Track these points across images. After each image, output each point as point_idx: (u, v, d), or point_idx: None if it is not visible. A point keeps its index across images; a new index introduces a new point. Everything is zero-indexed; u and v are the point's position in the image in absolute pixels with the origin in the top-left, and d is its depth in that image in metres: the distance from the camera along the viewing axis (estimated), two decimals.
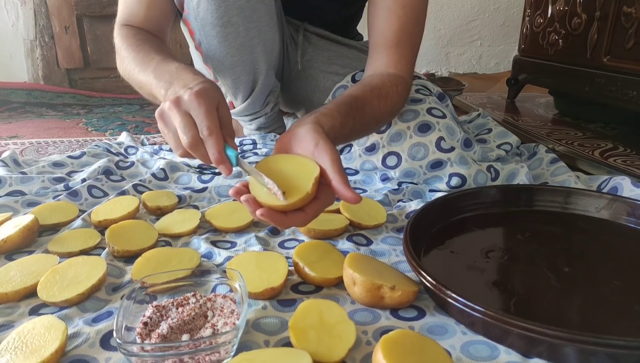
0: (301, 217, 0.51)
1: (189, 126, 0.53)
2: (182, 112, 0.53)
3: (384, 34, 0.76)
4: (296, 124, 0.59)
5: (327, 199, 0.53)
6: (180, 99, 0.54)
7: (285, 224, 0.52)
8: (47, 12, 1.78)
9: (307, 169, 0.52)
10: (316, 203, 0.52)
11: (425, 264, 0.55)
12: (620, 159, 1.03)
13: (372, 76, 0.75)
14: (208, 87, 0.56)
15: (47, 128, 1.39)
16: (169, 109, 0.54)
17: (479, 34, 2.43)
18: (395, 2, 0.74)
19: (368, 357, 0.44)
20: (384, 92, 0.71)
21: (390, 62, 0.75)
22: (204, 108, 0.53)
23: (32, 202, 0.77)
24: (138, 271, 0.56)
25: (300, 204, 0.51)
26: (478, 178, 0.78)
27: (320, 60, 0.98)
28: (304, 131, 0.56)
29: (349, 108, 0.64)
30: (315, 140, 0.54)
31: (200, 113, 0.53)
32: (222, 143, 0.53)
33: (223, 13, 0.77)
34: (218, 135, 0.53)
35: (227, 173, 0.53)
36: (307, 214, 0.52)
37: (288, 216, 0.51)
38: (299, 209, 0.51)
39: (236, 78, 0.87)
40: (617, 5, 1.13)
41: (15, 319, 0.50)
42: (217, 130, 0.53)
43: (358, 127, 0.67)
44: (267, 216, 0.49)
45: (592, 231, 0.67)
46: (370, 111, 0.69)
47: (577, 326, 0.48)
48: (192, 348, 0.40)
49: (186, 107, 0.53)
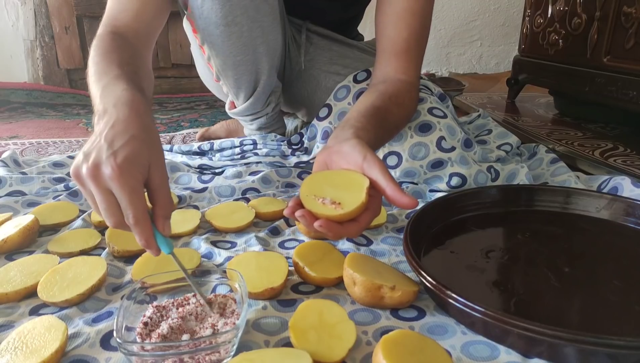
0: (355, 227, 0.52)
1: (112, 209, 0.46)
2: (103, 189, 0.46)
3: (393, 41, 0.77)
4: (335, 140, 0.59)
5: (376, 209, 0.54)
6: (100, 173, 0.45)
7: (341, 234, 0.52)
8: (47, 13, 1.78)
9: (357, 181, 0.53)
10: (368, 213, 0.53)
11: (425, 264, 0.55)
12: (620, 159, 1.03)
13: (386, 83, 0.76)
14: (136, 149, 0.46)
15: (47, 128, 1.39)
16: (87, 178, 0.46)
17: (479, 34, 2.43)
18: (405, 10, 0.75)
19: (368, 357, 0.44)
20: (401, 100, 0.74)
21: (400, 68, 0.77)
22: (128, 191, 0.45)
23: (32, 202, 0.77)
24: (138, 272, 0.56)
25: (356, 214, 0.52)
26: (478, 178, 0.78)
27: (321, 60, 0.98)
28: (349, 146, 0.56)
29: (377, 120, 0.66)
30: (363, 153, 0.55)
31: (123, 198, 0.45)
32: (149, 231, 0.47)
33: (227, 12, 0.77)
34: (144, 224, 0.46)
35: (155, 255, 0.48)
36: (361, 224, 0.52)
37: (344, 226, 0.52)
38: (353, 220, 0.52)
39: (238, 78, 0.87)
40: (617, 5, 1.13)
41: (16, 319, 0.50)
42: (142, 217, 0.46)
43: (385, 136, 0.70)
44: (326, 226, 0.50)
45: (592, 231, 0.67)
46: (392, 120, 0.72)
47: (577, 326, 0.48)
48: (192, 348, 0.40)
49: (107, 184, 0.45)
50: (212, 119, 1.51)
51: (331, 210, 0.51)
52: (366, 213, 0.53)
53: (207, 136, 1.19)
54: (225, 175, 0.90)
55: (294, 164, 0.94)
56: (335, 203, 0.52)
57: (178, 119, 1.52)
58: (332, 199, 0.52)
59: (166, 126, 1.44)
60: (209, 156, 1.01)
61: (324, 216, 0.51)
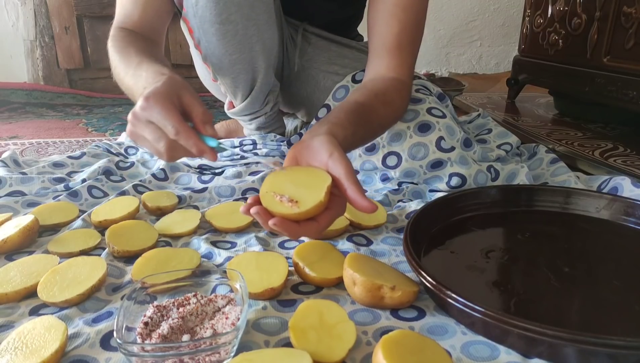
0: (314, 227, 0.51)
1: (157, 135, 0.53)
2: (144, 123, 0.53)
3: (384, 38, 0.76)
4: (309, 135, 0.59)
5: (339, 209, 0.53)
6: (135, 112, 0.54)
7: (297, 234, 0.52)
8: (47, 13, 1.78)
9: (319, 179, 0.53)
10: (328, 212, 0.52)
11: (425, 264, 0.55)
12: (620, 160, 1.03)
13: (374, 81, 0.75)
14: (159, 86, 0.55)
15: (47, 128, 1.39)
16: (132, 125, 0.55)
17: (479, 34, 2.43)
18: (397, 6, 0.74)
19: (368, 357, 0.44)
20: (389, 98, 0.72)
21: (391, 66, 0.75)
22: (158, 110, 0.52)
23: (32, 202, 0.77)
24: (138, 272, 0.56)
25: (314, 213, 0.51)
26: (478, 178, 0.78)
27: (320, 60, 0.98)
28: (318, 142, 0.56)
29: (358, 117, 0.65)
30: (329, 151, 0.54)
31: (158, 117, 0.52)
32: (193, 136, 0.53)
33: (221, 10, 0.77)
34: (185, 130, 0.53)
35: (213, 159, 0.55)
36: (320, 224, 0.52)
37: (301, 226, 0.51)
38: (312, 219, 0.51)
39: (235, 77, 0.87)
40: (617, 6, 1.13)
41: (16, 319, 0.50)
42: (181, 126, 0.53)
43: (366, 135, 0.68)
44: (280, 225, 0.50)
45: (592, 231, 0.67)
46: (377, 118, 0.70)
47: (577, 326, 0.49)
48: (193, 349, 0.40)
49: (144, 117, 0.53)
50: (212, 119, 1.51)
51: (287, 208, 0.50)
52: (326, 212, 0.52)
53: None
54: (225, 175, 0.90)
55: None
56: (293, 201, 0.51)
57: None
58: (290, 197, 0.51)
59: None
60: None
61: (279, 214, 0.50)
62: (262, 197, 0.53)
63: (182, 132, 0.52)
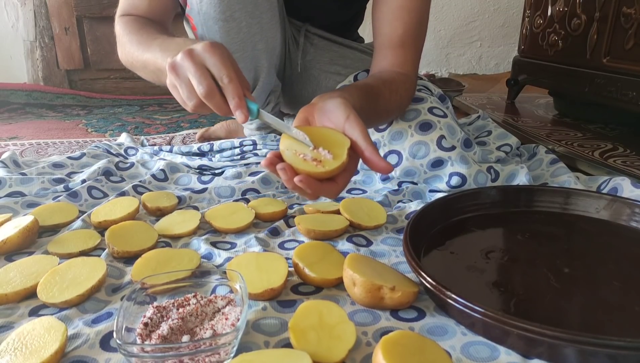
0: (334, 187, 0.52)
1: (204, 75, 0.54)
2: (197, 62, 0.54)
3: (389, 39, 0.77)
4: (321, 98, 0.59)
5: (353, 170, 0.54)
6: (193, 51, 0.54)
7: (318, 192, 0.52)
8: (47, 13, 1.78)
9: (338, 140, 0.53)
10: (346, 174, 0.53)
11: (425, 265, 0.55)
12: (620, 160, 1.03)
13: (382, 72, 0.76)
14: (218, 43, 0.56)
15: (47, 129, 1.39)
16: (181, 60, 0.55)
17: (478, 34, 2.43)
18: (401, 8, 0.75)
19: (368, 358, 0.44)
20: (395, 87, 0.73)
21: (396, 63, 0.77)
22: (220, 57, 0.54)
23: (32, 203, 0.77)
24: (138, 272, 0.56)
25: (337, 172, 0.51)
26: (478, 178, 0.78)
27: (321, 60, 0.98)
28: (334, 104, 0.56)
29: (366, 95, 0.66)
30: (347, 113, 0.55)
31: (218, 62, 0.54)
32: (241, 90, 0.54)
33: (226, 7, 0.78)
34: (238, 82, 0.54)
35: (243, 119, 0.54)
36: (339, 185, 0.52)
37: (323, 185, 0.51)
38: (331, 179, 0.52)
39: None
40: (617, 6, 1.13)
41: (15, 320, 0.50)
42: (237, 77, 0.54)
43: (371, 115, 0.69)
44: (306, 182, 0.50)
45: (592, 231, 0.67)
46: (383, 102, 0.71)
47: (577, 327, 0.48)
48: (192, 350, 0.40)
49: (200, 58, 0.54)
50: (212, 119, 1.51)
51: (312, 166, 0.50)
52: (344, 173, 0.53)
53: (207, 136, 1.19)
54: (225, 176, 0.90)
55: None
56: (317, 160, 0.51)
57: (178, 120, 1.52)
58: (313, 156, 0.51)
59: (166, 126, 1.44)
60: (208, 157, 1.01)
61: (304, 171, 0.50)
62: (284, 153, 0.52)
63: (234, 82, 0.54)
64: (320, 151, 0.52)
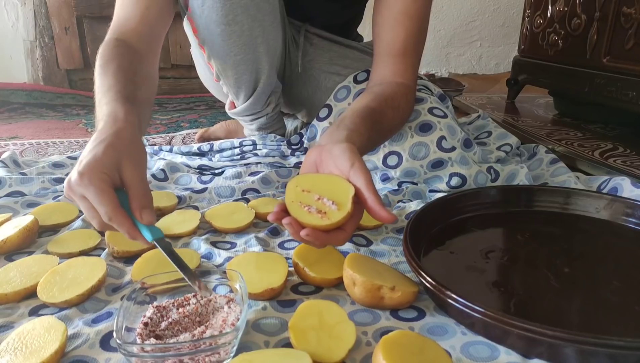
0: (342, 235, 0.52)
1: (91, 213, 0.51)
2: (78, 197, 0.50)
3: (390, 44, 0.77)
4: (327, 139, 0.59)
5: (360, 217, 0.54)
6: (70, 184, 0.50)
7: (326, 243, 0.52)
8: (47, 13, 1.78)
9: (342, 189, 0.53)
10: (352, 221, 0.53)
11: (425, 264, 0.55)
12: (620, 160, 1.03)
13: (382, 85, 0.76)
14: (98, 157, 0.50)
15: (47, 129, 1.39)
16: (68, 192, 0.51)
17: (478, 34, 2.43)
18: (402, 14, 0.75)
19: (368, 358, 0.44)
20: (397, 103, 0.73)
21: (397, 71, 0.77)
22: (92, 190, 0.48)
23: (32, 203, 0.77)
24: (138, 272, 0.56)
25: (342, 223, 0.51)
26: (478, 178, 0.78)
27: (321, 60, 0.98)
28: (340, 150, 0.56)
29: (371, 122, 0.66)
30: (352, 160, 0.54)
31: (92, 197, 0.49)
32: (126, 223, 0.50)
33: (228, 11, 0.77)
34: (118, 217, 0.49)
35: (145, 244, 0.52)
36: (346, 232, 0.52)
37: (330, 235, 0.51)
38: (339, 228, 0.52)
39: (239, 77, 0.87)
40: (617, 6, 1.13)
41: (15, 320, 0.50)
42: (114, 212, 0.49)
43: (378, 140, 0.71)
44: (312, 236, 0.50)
45: (592, 231, 0.67)
46: (387, 123, 0.72)
47: (577, 326, 0.49)
48: (192, 349, 0.40)
49: (79, 192, 0.50)
50: (212, 119, 1.51)
51: (317, 219, 0.51)
52: (351, 221, 0.52)
53: (207, 136, 1.19)
54: (225, 176, 0.90)
55: (293, 164, 0.94)
56: (322, 212, 0.51)
57: (178, 120, 1.52)
58: (317, 208, 0.51)
59: (166, 126, 1.44)
60: (208, 156, 1.01)
61: (310, 225, 0.50)
62: (289, 206, 0.53)
63: (114, 218, 0.49)
64: (325, 202, 0.52)
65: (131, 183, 0.51)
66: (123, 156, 0.52)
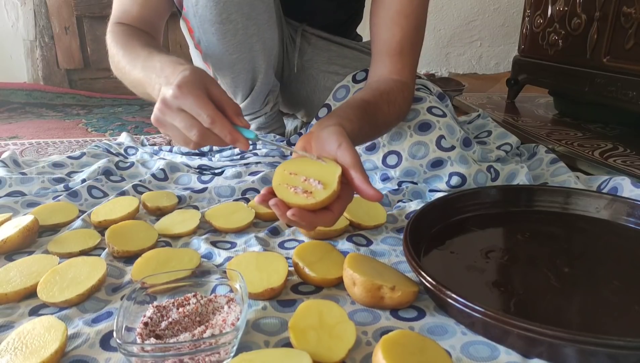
0: (329, 216, 0.52)
1: (190, 123, 0.53)
2: (175, 111, 0.54)
3: (387, 44, 0.77)
4: (318, 126, 0.59)
5: (348, 198, 0.54)
6: (166, 100, 0.54)
7: (314, 223, 0.52)
8: (47, 13, 1.78)
9: (329, 169, 0.53)
10: (340, 201, 0.53)
11: (425, 264, 0.55)
12: (620, 160, 1.03)
13: (379, 81, 0.76)
14: (188, 74, 0.54)
15: (47, 129, 1.39)
16: (160, 112, 0.55)
17: (479, 34, 2.43)
18: (398, 13, 0.75)
19: (368, 358, 0.44)
20: (392, 97, 0.73)
21: (394, 70, 0.77)
22: (192, 99, 0.52)
23: (32, 202, 0.77)
24: (138, 272, 0.56)
25: (328, 202, 0.52)
26: (478, 177, 0.78)
27: (319, 60, 0.98)
28: (328, 132, 0.56)
29: (364, 113, 0.66)
30: (339, 141, 0.55)
31: (192, 105, 0.52)
32: (228, 125, 0.53)
33: (222, 10, 0.77)
34: (221, 119, 0.53)
35: (245, 147, 0.55)
36: (334, 213, 0.53)
37: (317, 215, 0.52)
38: (326, 208, 0.52)
39: (235, 76, 0.87)
40: (617, 6, 1.13)
41: (15, 320, 0.50)
42: (216, 115, 0.53)
43: (371, 132, 0.70)
44: (298, 216, 0.50)
45: (592, 231, 0.67)
46: (382, 116, 0.71)
47: (577, 326, 0.49)
48: (192, 349, 0.40)
49: (176, 105, 0.53)
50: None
51: (303, 199, 0.51)
52: (339, 201, 0.53)
53: None
54: (225, 175, 0.90)
55: None
56: (307, 192, 0.51)
57: None
58: (304, 188, 0.51)
59: None
60: (208, 156, 1.01)
61: (295, 205, 0.51)
62: (276, 189, 0.53)
63: (217, 121, 0.53)
64: (311, 182, 0.52)
65: (220, 96, 0.55)
66: (206, 77, 0.56)
